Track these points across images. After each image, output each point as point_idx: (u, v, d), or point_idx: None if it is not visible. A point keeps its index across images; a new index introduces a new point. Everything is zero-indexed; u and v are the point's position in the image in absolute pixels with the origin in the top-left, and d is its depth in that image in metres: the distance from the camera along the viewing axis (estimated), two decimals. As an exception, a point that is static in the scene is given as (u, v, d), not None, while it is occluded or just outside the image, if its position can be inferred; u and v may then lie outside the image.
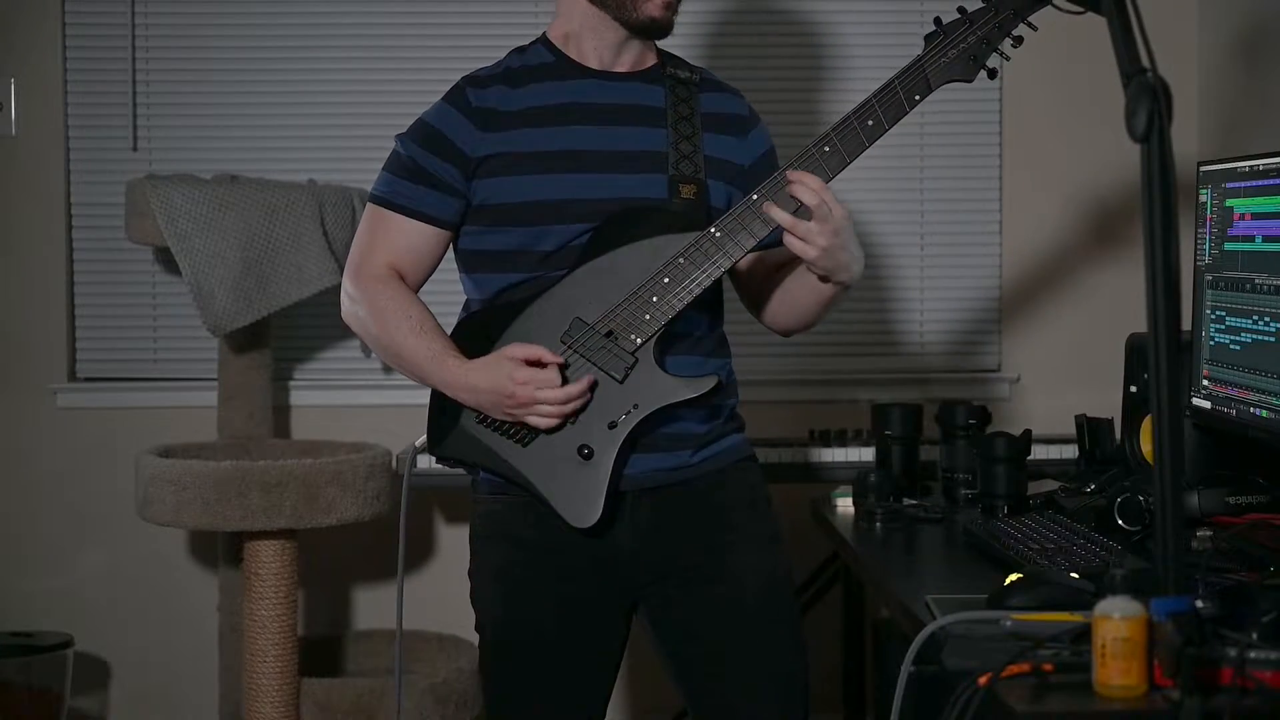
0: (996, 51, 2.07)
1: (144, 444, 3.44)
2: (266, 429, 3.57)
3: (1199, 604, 1.55)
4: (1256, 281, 2.25)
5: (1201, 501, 2.29)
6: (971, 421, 2.79)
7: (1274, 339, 2.21)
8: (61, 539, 3.75)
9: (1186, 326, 2.38)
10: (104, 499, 3.72)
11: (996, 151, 3.77)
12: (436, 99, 2.20)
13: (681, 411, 2.13)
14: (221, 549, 3.52)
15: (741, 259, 2.09)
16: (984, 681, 1.52)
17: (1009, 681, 1.54)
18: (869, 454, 3.12)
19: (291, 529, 3.25)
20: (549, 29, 2.23)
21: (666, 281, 2.07)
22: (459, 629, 3.44)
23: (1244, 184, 2.30)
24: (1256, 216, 2.26)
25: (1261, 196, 2.25)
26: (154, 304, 3.77)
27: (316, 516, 3.20)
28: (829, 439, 3.30)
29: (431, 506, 3.74)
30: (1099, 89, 2.89)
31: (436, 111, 2.17)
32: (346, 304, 2.20)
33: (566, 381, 2.06)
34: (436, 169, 2.14)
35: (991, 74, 2.08)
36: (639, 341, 2.07)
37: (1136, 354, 2.72)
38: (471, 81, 2.18)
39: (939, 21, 2.08)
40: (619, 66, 2.19)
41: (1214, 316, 2.39)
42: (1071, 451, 3.06)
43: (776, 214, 2.04)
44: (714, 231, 2.06)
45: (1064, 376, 3.70)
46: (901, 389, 3.68)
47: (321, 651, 3.62)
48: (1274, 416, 2.20)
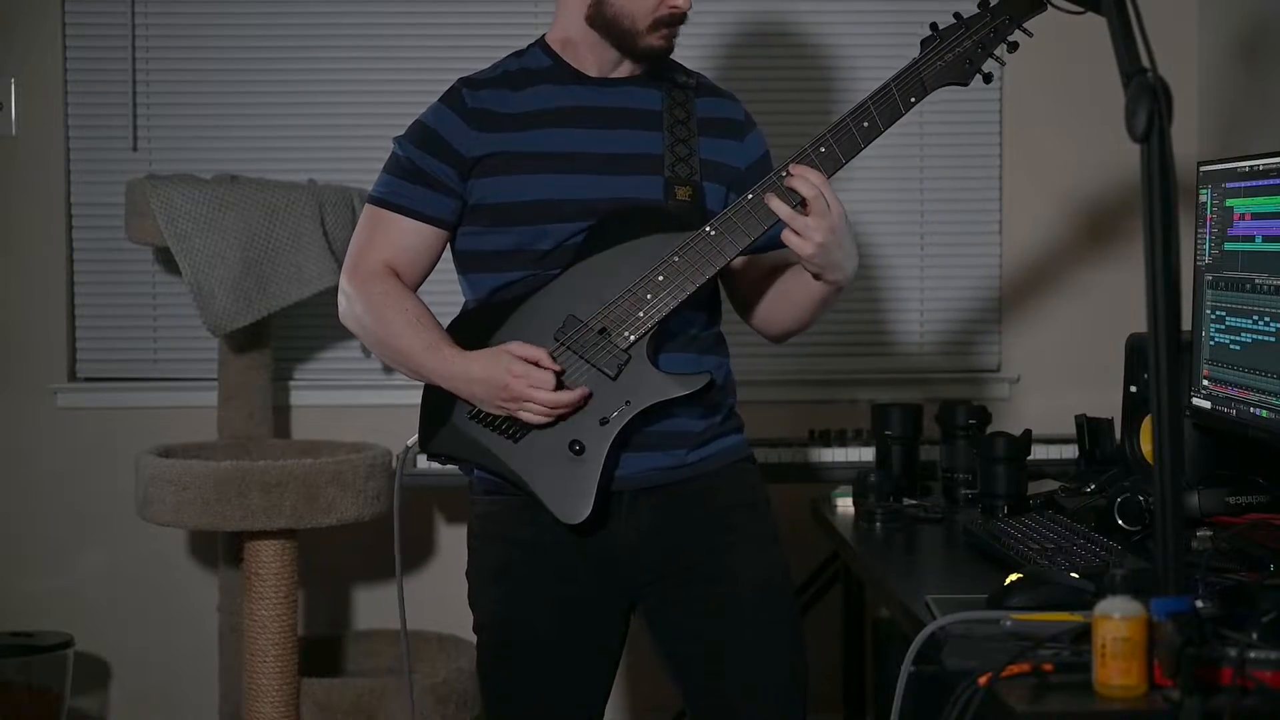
0: (992, 56, 2.09)
1: (144, 444, 3.44)
2: (266, 429, 3.57)
3: (1199, 604, 1.56)
4: (1256, 281, 2.25)
5: (1201, 501, 2.29)
6: (971, 421, 2.79)
7: (1274, 339, 2.21)
8: (61, 539, 3.75)
9: (1186, 326, 2.38)
10: (104, 499, 3.72)
11: (996, 151, 3.77)
12: (435, 99, 2.21)
13: (677, 409, 2.14)
14: (221, 549, 3.52)
15: (735, 259, 2.10)
16: (984, 681, 1.52)
17: (1009, 681, 1.54)
18: (869, 454, 3.12)
19: (291, 529, 3.25)
20: (548, 33, 2.24)
21: (660, 279, 2.07)
22: (459, 629, 3.44)
23: (1244, 184, 2.30)
24: (1256, 216, 2.26)
25: (1261, 196, 2.25)
26: (154, 304, 3.77)
27: (316, 516, 3.20)
28: (829, 439, 3.30)
29: (430, 506, 3.74)
30: (1099, 89, 2.89)
31: (433, 113, 2.19)
32: (343, 302, 2.21)
33: (562, 387, 2.06)
34: (433, 169, 2.15)
35: (987, 78, 2.09)
36: (632, 338, 2.08)
37: (1136, 354, 2.72)
38: (467, 83, 2.19)
39: (935, 27, 2.09)
40: (617, 74, 2.21)
41: (1214, 316, 2.39)
42: (1071, 451, 3.06)
43: (776, 206, 2.05)
44: (709, 230, 2.07)
45: (1064, 376, 3.70)
46: (901, 389, 3.68)
47: (321, 651, 3.62)
48: (1274, 416, 2.20)
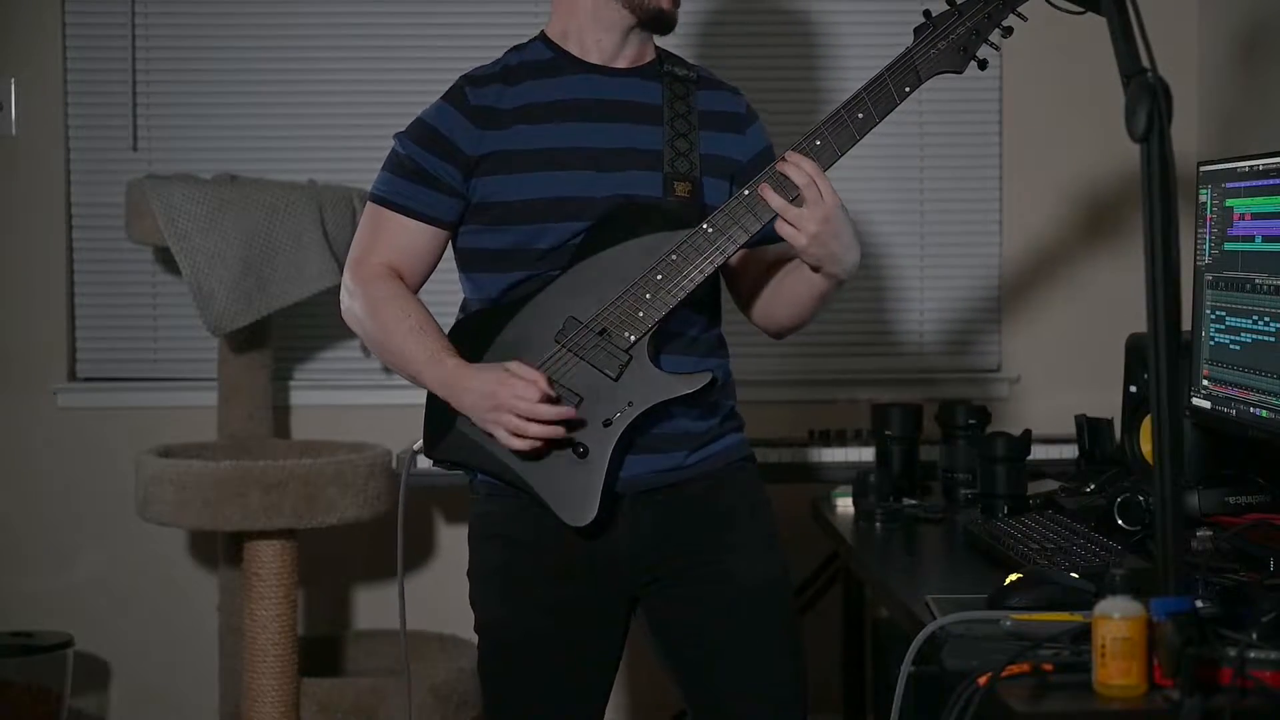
0: (986, 42, 2.07)
1: (144, 444, 3.44)
2: (266, 429, 3.57)
3: (1199, 604, 1.56)
4: (1256, 281, 2.25)
5: (1201, 501, 2.29)
6: (971, 421, 2.80)
7: (1274, 339, 2.20)
8: (61, 539, 3.75)
9: (1186, 326, 2.38)
10: (104, 499, 3.71)
11: (996, 151, 3.77)
12: (436, 98, 2.20)
13: (677, 410, 2.14)
14: (221, 549, 3.52)
15: (734, 255, 2.09)
16: (984, 681, 1.52)
17: (1009, 681, 1.54)
18: (869, 454, 3.12)
19: (291, 529, 3.25)
20: (547, 27, 2.23)
21: (660, 278, 2.07)
22: (459, 629, 3.44)
23: (1244, 184, 2.30)
24: (1256, 216, 2.26)
25: (1261, 196, 2.25)
26: (154, 304, 3.77)
27: (316, 516, 3.20)
28: (829, 439, 3.30)
29: (431, 507, 3.74)
30: (1099, 89, 2.89)
31: (435, 111, 2.17)
32: (346, 300, 2.21)
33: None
34: (435, 168, 2.14)
35: (982, 65, 2.07)
36: (633, 339, 2.07)
37: (1136, 354, 2.72)
38: (469, 80, 2.18)
39: (928, 14, 2.07)
40: (619, 62, 2.20)
41: (1214, 316, 2.39)
42: (1071, 451, 3.06)
43: (769, 197, 2.04)
44: (706, 227, 2.07)
45: (1064, 376, 3.70)
46: (901, 389, 3.67)
47: (321, 651, 3.62)
48: (1274, 416, 2.20)
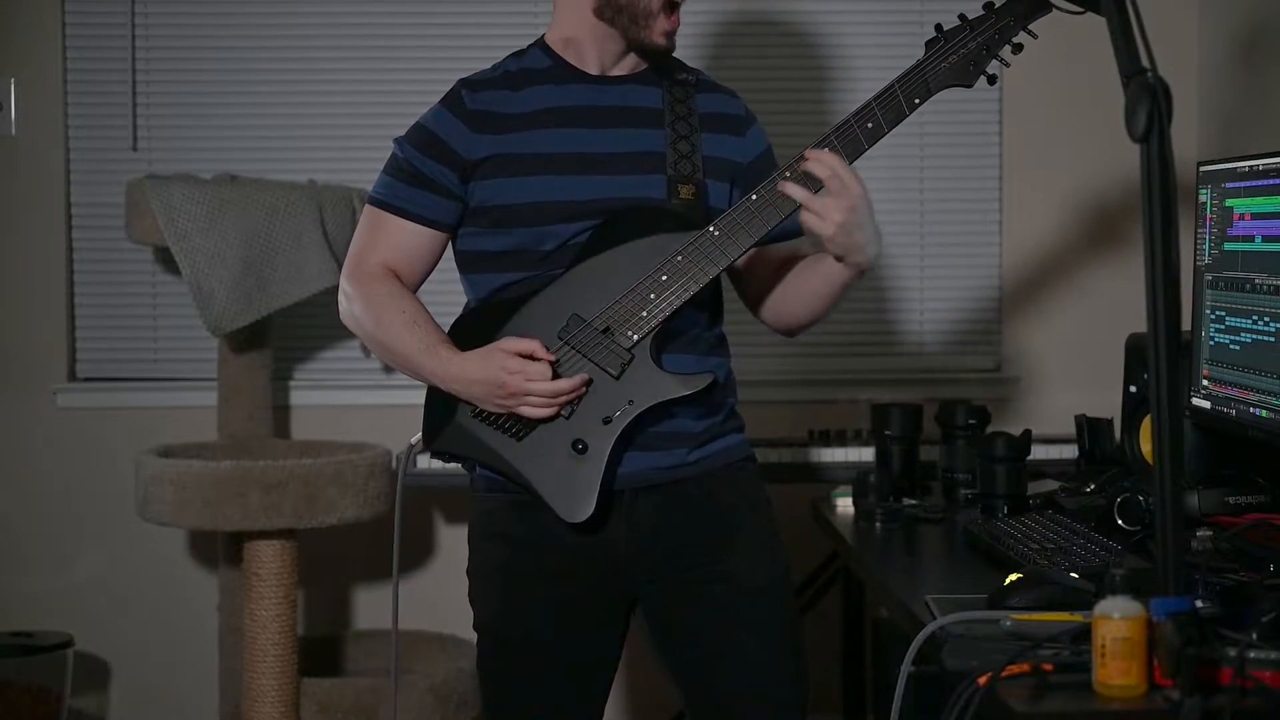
0: (997, 58, 2.09)
1: (144, 444, 3.45)
2: (266, 429, 3.57)
3: (1199, 604, 1.56)
4: (1256, 281, 2.25)
5: (1201, 501, 2.29)
6: (971, 421, 2.79)
7: (1274, 339, 2.21)
8: (61, 539, 3.75)
9: (1186, 326, 2.38)
10: (104, 499, 3.71)
11: (996, 151, 3.77)
12: (436, 100, 2.21)
13: (677, 409, 2.14)
14: (221, 549, 3.52)
15: (740, 258, 2.10)
16: (984, 681, 1.52)
17: (1009, 681, 1.54)
18: (869, 454, 3.12)
19: (291, 529, 3.25)
20: (547, 34, 2.23)
21: (664, 279, 2.07)
22: (459, 629, 3.44)
23: (1244, 184, 2.30)
24: (1256, 216, 2.26)
25: (1261, 196, 2.25)
26: (154, 304, 3.77)
27: (316, 516, 3.20)
28: (829, 439, 3.30)
29: (430, 506, 3.74)
30: (1099, 89, 2.89)
31: (433, 115, 2.18)
32: (343, 302, 2.22)
33: (559, 378, 2.06)
34: (433, 172, 2.15)
35: (991, 80, 2.09)
36: (635, 338, 2.08)
37: (1136, 354, 2.72)
38: (467, 85, 2.19)
39: (940, 28, 2.09)
40: (617, 71, 2.21)
41: (1214, 316, 2.39)
42: (1071, 451, 3.06)
43: (793, 190, 2.05)
44: (712, 230, 2.08)
45: (1064, 376, 3.70)
46: (901, 389, 3.67)
47: (321, 651, 3.62)
48: (1274, 416, 2.20)
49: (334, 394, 3.76)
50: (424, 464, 3.14)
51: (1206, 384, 2.41)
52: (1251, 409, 2.27)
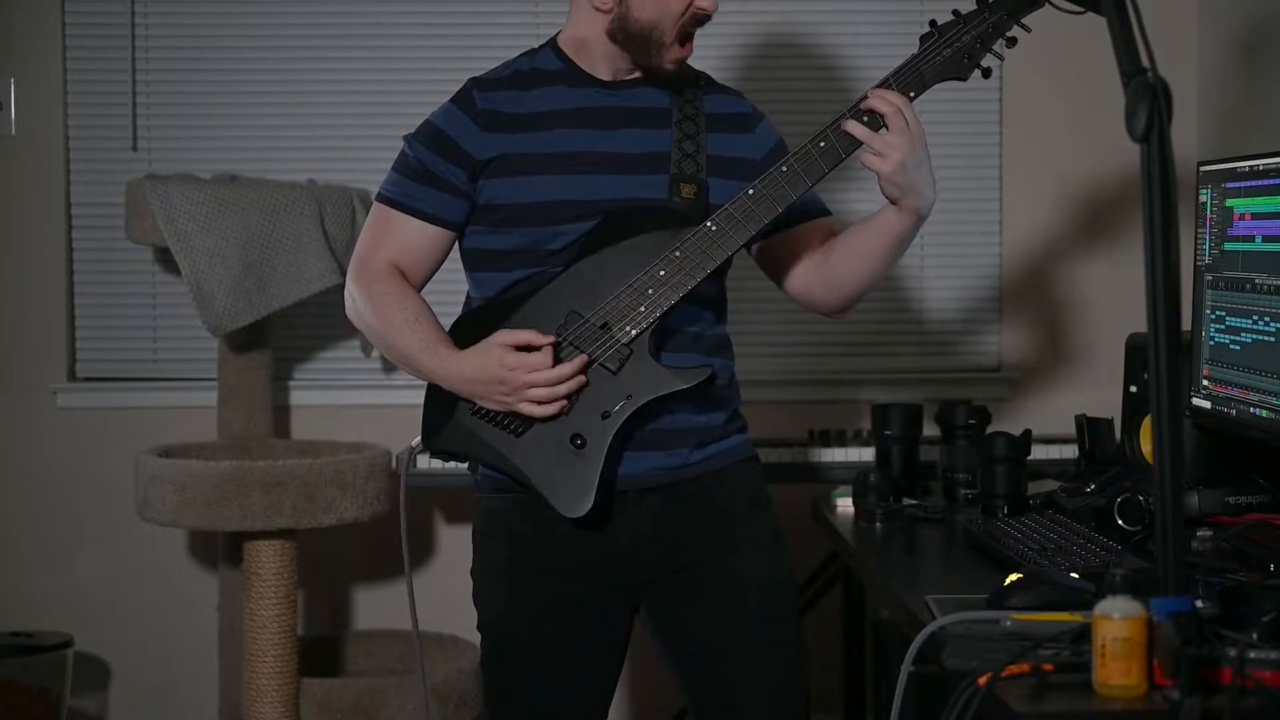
0: (991, 51, 2.10)
1: (144, 444, 3.44)
2: (266, 429, 3.57)
3: (1199, 604, 1.56)
4: (1256, 281, 2.25)
5: (1201, 501, 2.29)
6: (971, 421, 2.79)
7: (1274, 339, 2.20)
8: (61, 539, 3.75)
9: (1186, 326, 2.38)
10: (104, 499, 3.71)
11: (996, 151, 3.76)
12: (437, 99, 2.22)
13: (678, 406, 2.14)
14: (221, 549, 3.52)
15: (737, 252, 2.10)
16: (984, 681, 1.52)
17: (1009, 681, 1.54)
18: (869, 454, 3.12)
19: (291, 529, 3.25)
20: (560, 34, 2.23)
21: (662, 274, 2.07)
22: (459, 629, 3.44)
23: (1244, 184, 2.30)
24: (1256, 216, 2.26)
25: (1261, 196, 2.25)
26: (154, 304, 3.77)
27: (316, 516, 3.20)
28: (829, 439, 3.30)
29: (431, 506, 3.74)
30: (1099, 89, 2.89)
31: (443, 113, 2.19)
32: (349, 299, 2.22)
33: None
34: (442, 170, 2.15)
35: (986, 73, 2.10)
36: (634, 333, 2.08)
37: (1136, 354, 2.72)
38: (478, 84, 2.19)
39: (934, 23, 2.10)
40: (626, 77, 2.21)
41: (1214, 316, 2.39)
42: (1071, 451, 3.06)
43: (854, 128, 2.05)
44: (710, 225, 2.08)
45: (1064, 376, 3.70)
46: (901, 389, 3.67)
47: (321, 651, 3.62)
48: (1274, 416, 2.20)
49: (334, 394, 3.76)
50: (425, 464, 3.14)
51: (1206, 384, 2.41)
52: (1251, 409, 2.26)
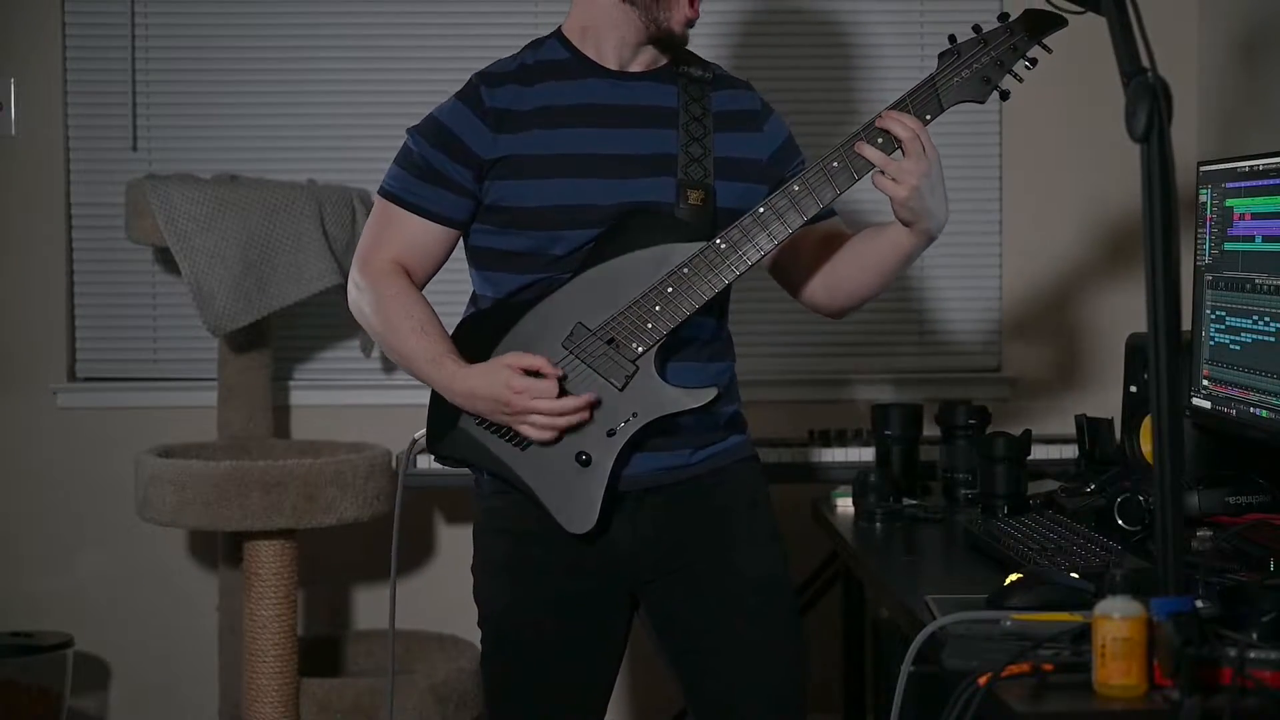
0: (1010, 73, 2.06)
1: (144, 444, 3.44)
2: (266, 429, 3.57)
3: (1199, 604, 1.56)
4: (1256, 281, 2.25)
5: (1201, 501, 2.29)
6: (971, 421, 2.79)
7: (1274, 339, 2.20)
8: (61, 539, 3.75)
9: (1186, 326, 2.38)
10: (104, 499, 3.71)
11: (996, 152, 3.76)
12: (436, 99, 2.19)
13: (681, 420, 2.13)
14: (221, 549, 3.52)
15: (747, 273, 2.08)
16: (984, 681, 1.52)
17: (1009, 681, 1.54)
18: (869, 454, 3.11)
19: (291, 529, 3.25)
20: (565, 22, 2.20)
21: (670, 291, 2.06)
22: (459, 629, 3.45)
23: (1244, 184, 2.30)
24: (1256, 216, 2.26)
25: (1261, 196, 2.25)
26: (154, 304, 3.77)
27: (316, 516, 3.20)
28: (829, 439, 3.30)
29: (431, 506, 3.74)
30: (1099, 89, 2.89)
31: (450, 110, 2.15)
32: (353, 293, 2.20)
33: (565, 394, 2.05)
34: (448, 169, 2.13)
35: (1004, 96, 2.07)
36: (640, 350, 2.07)
37: (1136, 354, 2.72)
38: (485, 79, 2.15)
39: (953, 39, 2.06)
40: (634, 66, 2.17)
41: (1214, 316, 2.39)
42: (1071, 451, 3.06)
43: (868, 152, 2.03)
44: (719, 243, 2.05)
45: (1064, 376, 3.70)
46: (901, 389, 3.67)
47: (321, 651, 3.62)
48: (1274, 416, 2.20)
49: (334, 394, 3.76)
50: (424, 464, 3.14)
51: (1206, 384, 2.41)
52: (1251, 409, 2.26)
